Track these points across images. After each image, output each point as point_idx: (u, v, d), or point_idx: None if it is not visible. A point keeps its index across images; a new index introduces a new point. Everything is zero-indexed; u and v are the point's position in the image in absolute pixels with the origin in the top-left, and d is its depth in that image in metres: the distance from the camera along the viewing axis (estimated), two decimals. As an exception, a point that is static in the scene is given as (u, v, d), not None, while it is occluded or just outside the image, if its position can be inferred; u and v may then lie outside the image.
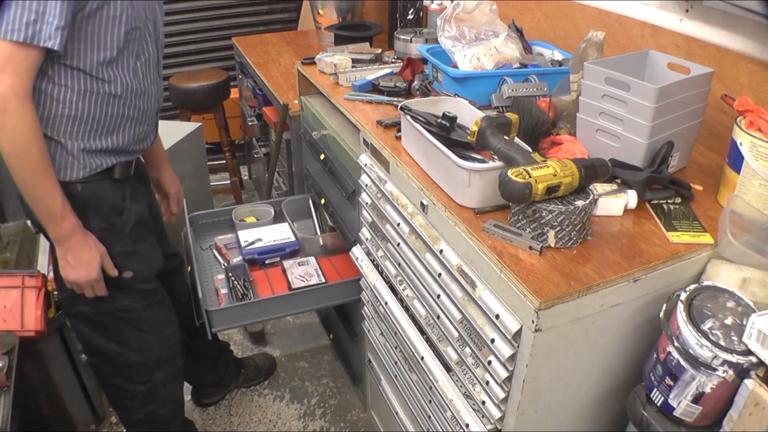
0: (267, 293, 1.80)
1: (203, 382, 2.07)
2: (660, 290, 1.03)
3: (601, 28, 1.42)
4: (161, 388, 1.60)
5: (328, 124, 1.83)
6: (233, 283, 1.84)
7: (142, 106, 1.34)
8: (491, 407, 1.09)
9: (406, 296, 1.37)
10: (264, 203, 2.19)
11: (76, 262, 1.28)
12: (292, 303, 1.77)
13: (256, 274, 1.89)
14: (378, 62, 1.87)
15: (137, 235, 1.40)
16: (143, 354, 1.52)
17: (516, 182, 0.96)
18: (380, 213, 1.44)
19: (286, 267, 1.89)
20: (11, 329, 1.48)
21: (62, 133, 1.23)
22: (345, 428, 2.06)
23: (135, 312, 1.45)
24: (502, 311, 1.00)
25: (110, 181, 1.34)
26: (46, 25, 1.07)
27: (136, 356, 1.51)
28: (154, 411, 1.61)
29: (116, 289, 1.39)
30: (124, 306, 1.43)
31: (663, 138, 1.18)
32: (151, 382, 1.57)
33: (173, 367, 1.63)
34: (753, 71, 1.27)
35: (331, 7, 2.61)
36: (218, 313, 1.69)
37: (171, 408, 1.69)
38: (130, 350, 1.50)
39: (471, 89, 1.50)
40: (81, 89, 1.22)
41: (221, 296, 1.83)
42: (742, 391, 0.86)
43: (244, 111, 3.13)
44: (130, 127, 1.33)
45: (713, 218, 1.12)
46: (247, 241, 1.97)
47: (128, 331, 1.47)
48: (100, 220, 1.32)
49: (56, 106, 1.21)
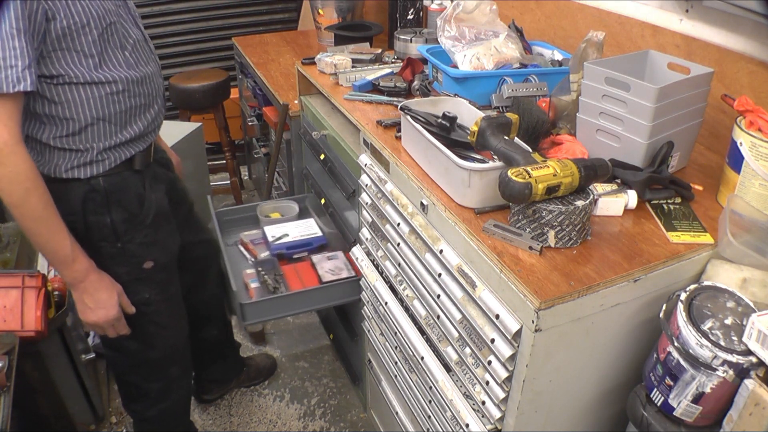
0: (297, 287, 1.81)
1: (210, 377, 2.08)
2: (660, 290, 1.03)
3: (601, 28, 1.42)
4: (176, 384, 1.62)
5: (328, 124, 1.83)
6: (263, 278, 1.86)
7: (146, 90, 1.33)
8: (491, 407, 1.09)
9: (406, 296, 1.37)
10: (288, 199, 2.22)
11: (94, 304, 1.27)
12: (323, 296, 1.79)
13: (284, 268, 1.91)
14: (378, 62, 1.87)
15: (157, 224, 1.40)
16: (160, 350, 1.53)
17: (516, 182, 0.96)
18: (380, 213, 1.44)
19: (315, 261, 1.91)
20: (11, 329, 1.48)
21: (82, 142, 1.24)
22: (345, 428, 2.06)
23: (153, 305, 1.45)
24: (502, 311, 1.00)
25: (131, 172, 1.34)
26: (11, 70, 1.04)
27: (154, 353, 1.52)
28: (166, 408, 1.63)
29: (137, 281, 1.39)
30: (145, 299, 1.43)
31: (663, 138, 1.18)
32: (167, 379, 1.58)
33: (185, 359, 1.64)
34: (753, 71, 1.27)
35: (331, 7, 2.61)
36: (251, 306, 1.70)
37: (181, 404, 1.72)
38: (147, 347, 1.51)
39: (471, 89, 1.50)
40: (84, 99, 1.21)
41: (251, 290, 1.84)
42: (742, 391, 0.86)
43: (244, 111, 3.13)
44: (141, 113, 1.33)
45: (713, 218, 1.12)
46: (274, 236, 1.99)
47: (148, 327, 1.48)
48: (122, 211, 1.31)
49: (69, 124, 1.21)
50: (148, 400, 1.60)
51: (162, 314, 1.50)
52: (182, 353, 1.62)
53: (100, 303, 1.28)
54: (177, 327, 1.58)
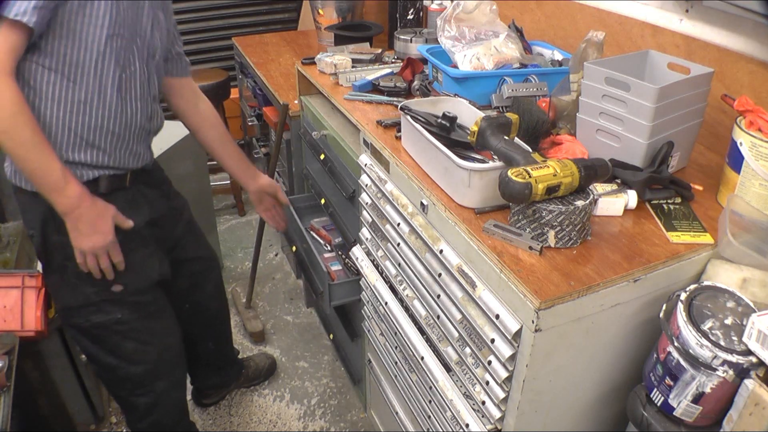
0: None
1: (208, 385, 2.08)
2: (660, 290, 1.03)
3: (601, 28, 1.42)
4: (164, 398, 1.57)
5: (328, 124, 1.83)
6: (345, 261, 1.91)
7: (126, 122, 1.29)
8: (491, 407, 1.09)
9: (406, 296, 1.37)
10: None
11: (90, 229, 1.23)
12: None
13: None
14: (378, 62, 1.87)
15: (129, 247, 1.34)
16: (142, 366, 1.49)
17: (516, 182, 0.96)
18: (380, 213, 1.44)
19: None
20: (11, 329, 1.48)
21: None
22: (345, 428, 2.06)
23: (129, 324, 1.41)
24: (502, 311, 1.00)
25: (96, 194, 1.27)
26: (22, 1, 1.03)
27: (135, 368, 1.48)
28: (157, 420, 1.59)
29: (107, 302, 1.36)
30: (117, 319, 1.39)
31: (663, 138, 1.18)
32: (153, 393, 1.54)
33: (174, 376, 1.60)
34: (753, 71, 1.27)
35: (331, 7, 2.61)
36: (338, 287, 1.78)
37: (174, 414, 1.67)
38: (128, 363, 1.47)
39: (471, 89, 1.50)
40: (55, 96, 1.18)
41: (332, 273, 1.89)
42: (742, 391, 0.86)
43: (244, 111, 3.13)
44: (113, 142, 1.28)
45: (713, 218, 1.12)
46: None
47: (126, 343, 1.44)
48: None
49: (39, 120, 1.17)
50: (136, 413, 1.57)
51: (140, 332, 1.45)
52: (170, 368, 1.57)
53: (96, 228, 1.24)
54: (161, 344, 1.51)
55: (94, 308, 1.37)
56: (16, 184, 1.28)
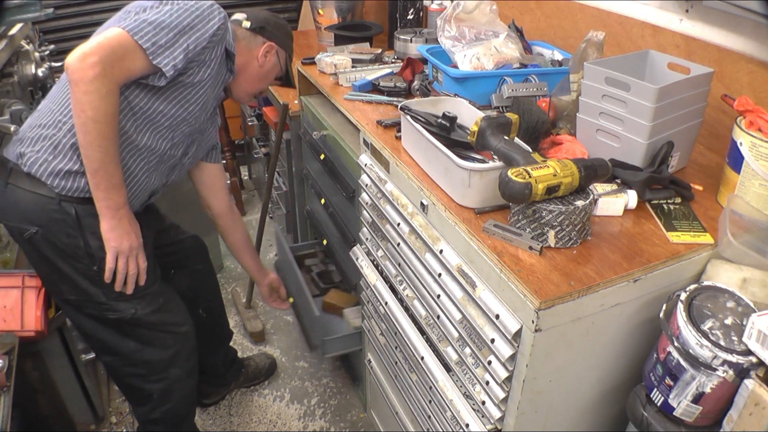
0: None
1: (208, 384, 2.08)
2: (660, 290, 1.03)
3: (601, 28, 1.42)
4: (177, 385, 1.61)
5: (328, 124, 1.83)
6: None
7: (141, 185, 1.43)
8: (491, 407, 1.09)
9: (406, 296, 1.37)
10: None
11: (129, 229, 1.34)
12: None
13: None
14: (378, 62, 1.87)
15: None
16: (159, 351, 1.54)
17: (516, 182, 0.96)
18: (380, 213, 1.44)
19: None
20: (11, 329, 1.48)
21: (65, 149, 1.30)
22: (345, 428, 2.06)
23: (144, 318, 1.48)
24: (502, 311, 1.00)
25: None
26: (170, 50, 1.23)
27: (152, 352, 1.53)
28: (170, 409, 1.63)
29: (120, 301, 1.42)
30: (132, 314, 1.45)
31: (663, 138, 1.18)
32: (167, 380, 1.58)
33: (189, 363, 1.64)
34: (753, 71, 1.27)
35: (331, 7, 2.60)
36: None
37: (186, 405, 1.71)
38: (146, 346, 1.52)
39: (471, 89, 1.50)
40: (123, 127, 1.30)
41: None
42: (742, 391, 0.86)
43: (244, 111, 3.13)
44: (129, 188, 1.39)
45: (713, 218, 1.12)
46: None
47: (142, 329, 1.50)
48: (97, 239, 1.33)
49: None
50: (151, 402, 1.60)
51: (156, 324, 1.51)
52: (185, 356, 1.61)
53: (133, 229, 1.35)
54: (177, 332, 1.57)
55: (107, 308, 1.42)
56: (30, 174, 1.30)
